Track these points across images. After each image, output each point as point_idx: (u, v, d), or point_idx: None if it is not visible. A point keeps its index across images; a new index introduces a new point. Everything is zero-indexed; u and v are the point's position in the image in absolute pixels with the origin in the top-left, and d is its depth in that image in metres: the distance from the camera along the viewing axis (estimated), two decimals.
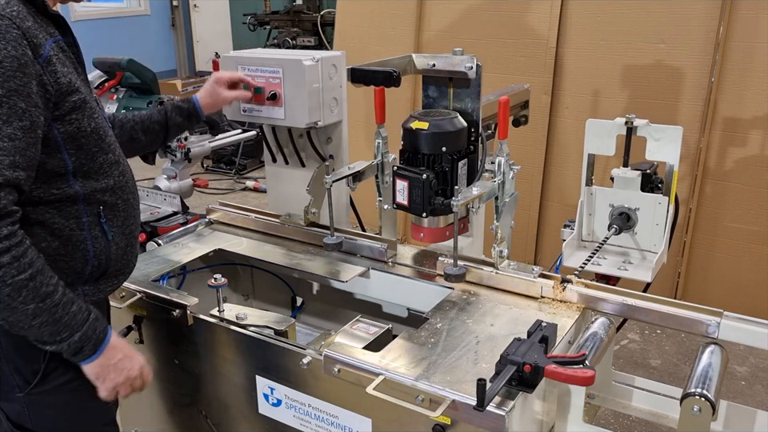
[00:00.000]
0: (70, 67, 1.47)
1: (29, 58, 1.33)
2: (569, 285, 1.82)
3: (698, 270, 3.71)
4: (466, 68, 1.90)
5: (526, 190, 3.99)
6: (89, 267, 1.54)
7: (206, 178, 6.42)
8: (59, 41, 1.47)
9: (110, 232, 1.56)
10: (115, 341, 1.52)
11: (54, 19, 1.50)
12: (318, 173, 2.13)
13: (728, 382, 3.19)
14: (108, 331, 1.51)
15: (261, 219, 2.35)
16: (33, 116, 1.34)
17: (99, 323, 1.48)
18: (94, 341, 1.46)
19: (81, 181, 1.49)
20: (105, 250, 1.56)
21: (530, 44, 3.92)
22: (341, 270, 2.07)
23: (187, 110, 2.04)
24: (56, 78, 1.39)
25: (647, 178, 2.05)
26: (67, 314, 1.41)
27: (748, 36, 3.34)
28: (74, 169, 1.48)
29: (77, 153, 1.47)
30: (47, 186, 1.45)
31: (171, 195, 3.49)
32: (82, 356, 1.46)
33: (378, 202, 2.09)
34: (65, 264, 1.50)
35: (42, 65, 1.37)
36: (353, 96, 2.33)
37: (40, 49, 1.37)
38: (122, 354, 1.53)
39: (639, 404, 1.86)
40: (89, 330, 1.45)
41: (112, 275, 1.62)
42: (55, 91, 1.40)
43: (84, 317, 1.45)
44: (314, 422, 1.73)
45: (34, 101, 1.34)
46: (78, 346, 1.44)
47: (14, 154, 1.32)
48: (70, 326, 1.42)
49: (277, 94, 2.12)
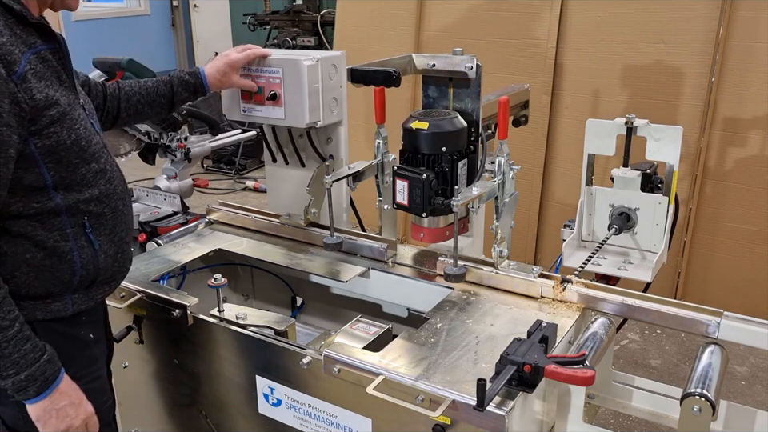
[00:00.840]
0: (50, 79, 1.44)
1: (1, 77, 1.31)
2: (569, 285, 1.82)
3: (698, 270, 3.71)
4: (466, 68, 1.90)
5: (526, 190, 3.99)
6: (76, 277, 1.53)
7: (206, 177, 6.42)
8: (40, 51, 1.44)
9: (96, 241, 1.54)
10: (65, 386, 1.47)
11: (37, 27, 1.46)
12: (318, 173, 2.13)
13: (728, 381, 3.19)
14: (59, 375, 1.46)
15: (261, 219, 2.35)
16: (3, 135, 1.32)
17: (51, 365, 1.44)
18: (41, 382, 1.42)
19: (62, 193, 1.47)
20: (92, 260, 1.54)
21: (530, 44, 3.92)
22: (341, 270, 2.07)
23: (194, 86, 2.00)
24: (31, 95, 1.37)
25: (647, 178, 2.05)
26: (18, 351, 1.38)
27: (748, 36, 3.34)
28: (53, 182, 1.45)
29: (56, 166, 1.45)
30: (27, 200, 1.43)
31: (171, 195, 3.49)
32: (25, 395, 1.43)
33: (377, 202, 2.09)
34: (51, 275, 1.49)
35: (16, 82, 1.34)
36: (353, 96, 2.33)
37: (14, 66, 1.34)
38: (68, 400, 1.48)
39: (639, 404, 1.86)
40: (37, 371, 1.41)
41: (103, 282, 1.60)
42: (30, 108, 1.37)
43: (35, 356, 1.41)
44: (314, 421, 1.73)
45: (6, 120, 1.32)
46: (23, 385, 1.40)
47: None
48: (18, 363, 1.38)
49: (277, 94, 2.12)
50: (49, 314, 1.51)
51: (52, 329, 1.52)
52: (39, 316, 1.50)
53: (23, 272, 1.46)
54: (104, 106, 1.88)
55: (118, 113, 1.92)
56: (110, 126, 1.95)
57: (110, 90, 1.90)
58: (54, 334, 1.52)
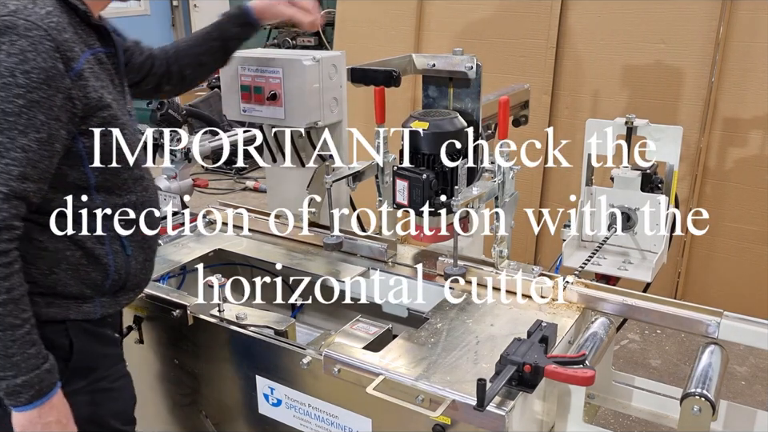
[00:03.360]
0: (105, 81, 1.46)
1: (58, 71, 1.33)
2: (569, 285, 1.82)
3: (697, 270, 3.71)
4: (466, 68, 1.90)
5: (526, 190, 3.99)
6: (108, 281, 1.54)
7: (206, 177, 6.42)
8: (98, 53, 1.46)
9: (129, 247, 1.56)
10: (57, 402, 1.43)
11: (97, 29, 1.49)
12: (318, 173, 2.13)
13: (728, 381, 3.19)
14: (54, 389, 1.42)
15: (261, 219, 2.35)
16: (52, 129, 1.33)
17: (49, 376, 1.40)
18: (35, 391, 1.37)
19: (103, 195, 1.49)
20: (124, 265, 1.56)
21: (529, 44, 3.92)
22: (341, 270, 2.07)
23: (242, 18, 1.92)
24: (86, 93, 1.38)
25: (647, 178, 2.05)
26: (22, 353, 1.34)
27: (748, 36, 3.34)
28: (96, 183, 1.47)
29: (100, 168, 1.46)
30: (69, 198, 1.44)
31: (171, 195, 3.49)
32: (15, 401, 1.37)
33: (378, 202, 2.09)
34: (86, 275, 1.49)
35: (73, 78, 1.36)
36: (353, 96, 2.33)
37: (73, 62, 1.36)
38: (56, 417, 1.42)
39: (639, 404, 1.86)
40: (34, 378, 1.36)
41: (129, 289, 1.61)
42: (83, 105, 1.39)
43: (37, 363, 1.37)
44: (314, 421, 1.73)
45: (56, 114, 1.33)
46: (17, 389, 1.36)
47: (26, 166, 1.31)
48: (18, 366, 1.35)
49: (277, 94, 2.12)
50: (80, 315, 1.51)
51: (83, 327, 1.53)
52: (72, 315, 1.50)
53: (62, 269, 1.46)
54: (150, 70, 1.86)
55: (178, 72, 1.90)
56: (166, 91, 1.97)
57: (160, 53, 1.89)
58: (84, 333, 1.53)
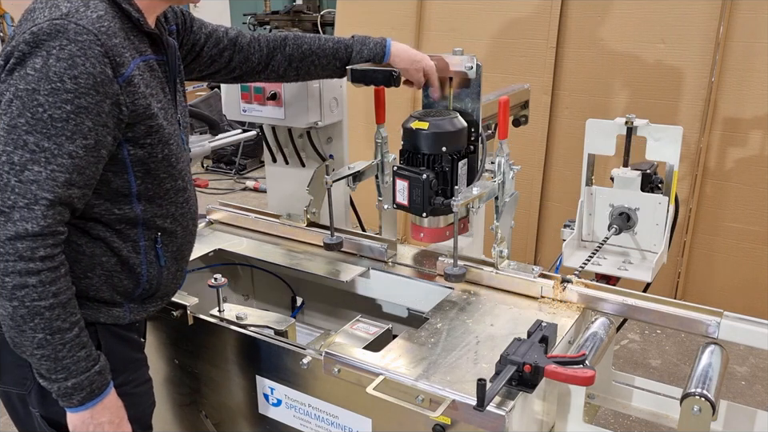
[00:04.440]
0: (155, 89, 1.45)
1: (107, 77, 1.31)
2: (569, 285, 1.82)
3: (697, 270, 3.71)
4: (466, 68, 1.89)
5: (526, 190, 3.99)
6: (139, 290, 1.54)
7: (206, 178, 6.42)
8: (150, 60, 1.45)
9: (163, 257, 1.56)
10: (110, 402, 1.45)
11: (150, 36, 1.47)
12: (318, 173, 2.13)
13: (728, 381, 3.19)
14: (106, 390, 1.44)
15: (261, 219, 2.35)
16: (99, 135, 1.32)
17: (100, 378, 1.42)
18: (87, 393, 1.39)
19: (144, 204, 1.48)
20: (157, 275, 1.56)
21: (530, 44, 3.92)
22: (341, 270, 2.07)
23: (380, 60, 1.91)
24: (133, 100, 1.36)
25: (647, 178, 2.05)
26: (72, 356, 1.36)
27: (748, 36, 3.34)
28: (138, 192, 1.46)
29: (144, 176, 1.46)
30: (110, 205, 1.44)
31: None
32: (68, 402, 1.40)
33: (378, 202, 2.09)
34: (119, 282, 1.50)
35: (121, 84, 1.34)
36: (353, 96, 2.33)
37: (122, 68, 1.34)
38: (108, 417, 1.45)
39: (639, 404, 1.86)
40: (85, 381, 1.38)
41: (159, 297, 1.62)
42: (130, 112, 1.37)
43: (87, 365, 1.39)
44: (314, 421, 1.73)
45: (103, 120, 1.32)
46: (68, 392, 1.38)
47: (72, 172, 1.30)
48: (68, 369, 1.36)
49: (277, 94, 2.12)
50: (110, 319, 1.52)
51: (112, 331, 1.53)
52: (102, 319, 1.50)
53: (96, 274, 1.46)
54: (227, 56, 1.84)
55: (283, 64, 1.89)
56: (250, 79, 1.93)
57: (266, 42, 1.87)
58: (113, 337, 1.53)
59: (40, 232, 1.28)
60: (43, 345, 1.33)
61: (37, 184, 1.28)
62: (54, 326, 1.33)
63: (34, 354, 1.35)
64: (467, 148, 1.95)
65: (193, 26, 1.77)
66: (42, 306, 1.31)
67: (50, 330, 1.32)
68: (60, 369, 1.36)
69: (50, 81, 1.26)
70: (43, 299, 1.30)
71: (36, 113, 1.26)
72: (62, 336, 1.34)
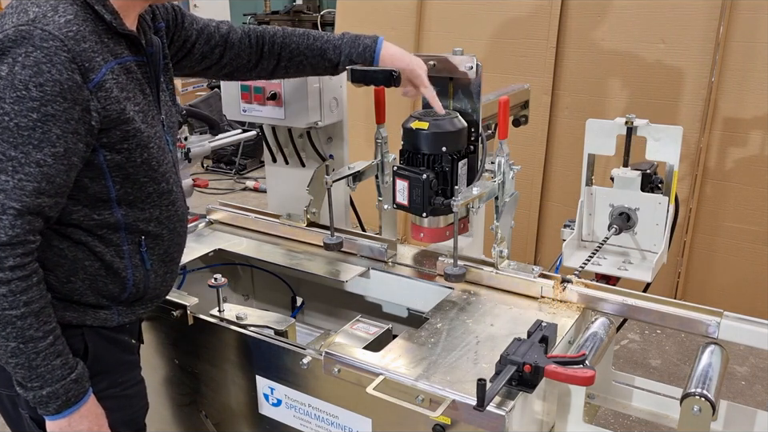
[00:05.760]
0: (132, 92, 1.41)
1: (75, 83, 1.27)
2: (569, 285, 1.82)
3: (697, 269, 3.71)
4: (466, 68, 1.89)
5: (526, 190, 3.99)
6: (126, 294, 1.53)
7: (206, 177, 6.42)
8: (127, 62, 1.41)
9: (149, 261, 1.54)
10: (88, 410, 1.43)
11: (127, 38, 1.43)
12: (318, 173, 2.13)
13: (728, 381, 3.19)
14: (84, 398, 1.42)
15: (261, 219, 2.35)
16: (68, 143, 1.29)
17: (77, 386, 1.40)
18: (62, 401, 1.38)
19: (124, 209, 1.46)
20: (143, 279, 1.54)
21: (530, 44, 3.92)
22: (341, 270, 2.07)
23: (369, 62, 1.88)
24: (105, 105, 1.33)
25: (647, 178, 2.05)
26: (46, 365, 1.35)
27: (748, 36, 3.34)
28: (117, 196, 1.44)
29: (123, 181, 1.43)
30: (89, 211, 1.42)
31: None
32: (45, 410, 1.39)
33: (377, 202, 2.09)
34: (104, 286, 1.49)
35: (92, 90, 1.31)
36: (353, 96, 2.33)
37: (92, 73, 1.30)
38: (87, 425, 1.43)
39: (639, 404, 1.86)
40: (60, 390, 1.37)
41: (148, 300, 1.60)
42: (102, 118, 1.34)
43: (63, 374, 1.37)
44: (314, 421, 1.73)
45: (73, 127, 1.29)
46: (44, 400, 1.37)
47: (41, 181, 1.28)
48: (43, 377, 1.35)
49: (277, 94, 2.12)
50: (97, 321, 1.51)
51: (101, 334, 1.52)
52: (88, 322, 1.49)
53: (79, 278, 1.45)
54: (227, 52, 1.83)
55: (271, 63, 1.88)
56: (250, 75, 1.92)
57: (256, 36, 1.86)
58: (101, 339, 1.52)
59: (8, 242, 1.27)
60: (16, 354, 1.32)
61: (4, 193, 1.26)
62: (27, 334, 1.32)
63: (9, 362, 1.34)
64: (467, 148, 1.95)
65: (184, 22, 1.73)
66: (14, 315, 1.29)
67: (23, 338, 1.31)
68: (35, 377, 1.35)
69: (15, 89, 1.24)
70: (14, 308, 1.29)
71: (2, 121, 1.24)
72: (35, 345, 1.33)
